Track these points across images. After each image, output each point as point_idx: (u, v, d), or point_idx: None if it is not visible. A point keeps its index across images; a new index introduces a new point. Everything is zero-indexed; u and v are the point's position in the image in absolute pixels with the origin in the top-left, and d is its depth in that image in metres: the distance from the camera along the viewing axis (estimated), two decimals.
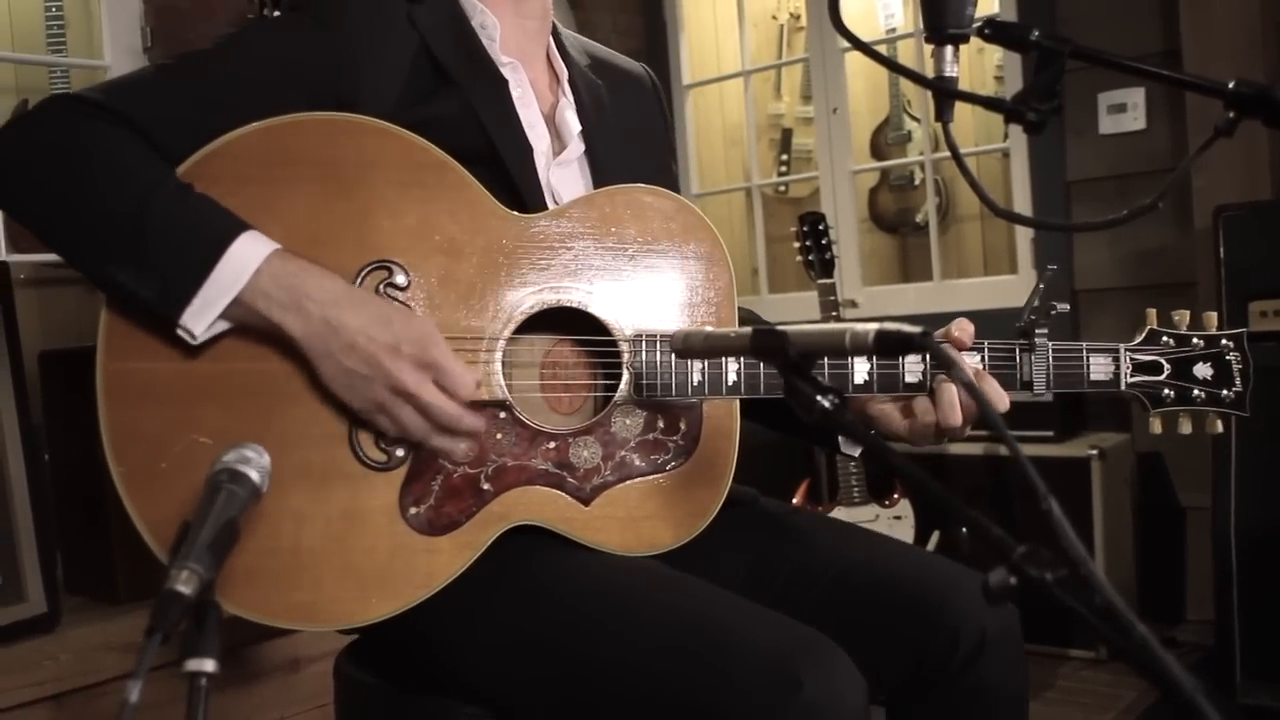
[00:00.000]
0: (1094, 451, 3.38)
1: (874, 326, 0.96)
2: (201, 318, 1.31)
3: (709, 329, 1.23)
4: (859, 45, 1.16)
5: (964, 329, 1.48)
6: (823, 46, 4.52)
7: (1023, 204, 4.04)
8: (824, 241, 3.45)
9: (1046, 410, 3.46)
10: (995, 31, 1.15)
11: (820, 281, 3.43)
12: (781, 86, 5.59)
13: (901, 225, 5.30)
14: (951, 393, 1.45)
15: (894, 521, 3.34)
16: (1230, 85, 1.08)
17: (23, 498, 2.20)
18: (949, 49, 1.16)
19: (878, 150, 5.21)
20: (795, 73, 5.50)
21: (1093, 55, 1.12)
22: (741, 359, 1.45)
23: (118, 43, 3.63)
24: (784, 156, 5.42)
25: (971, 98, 1.15)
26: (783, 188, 5.40)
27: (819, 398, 0.94)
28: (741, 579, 1.51)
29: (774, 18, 5.50)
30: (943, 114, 1.16)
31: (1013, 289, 4.10)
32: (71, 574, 2.47)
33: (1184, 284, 3.56)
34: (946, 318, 4.05)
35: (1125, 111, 3.83)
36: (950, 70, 1.16)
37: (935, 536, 3.43)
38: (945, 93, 1.12)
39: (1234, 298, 2.98)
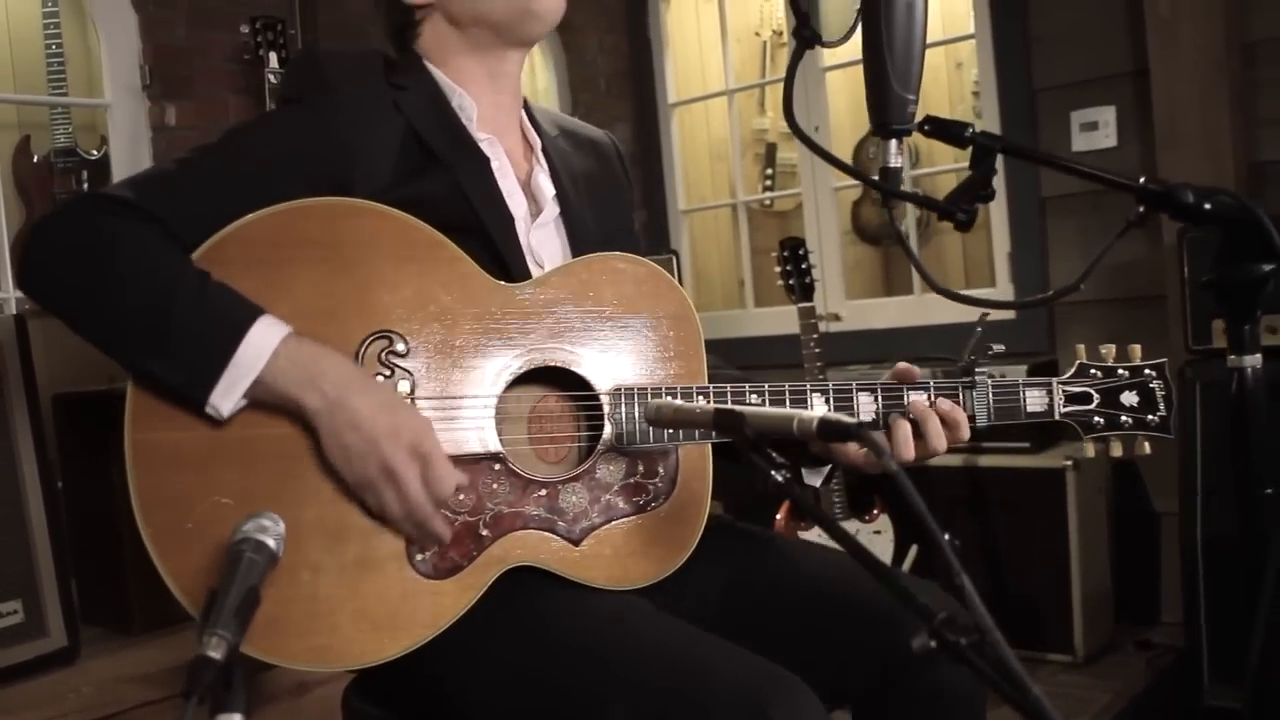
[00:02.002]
0: (1068, 462, 3.48)
1: (818, 415, 1.08)
2: (227, 398, 1.43)
3: (678, 403, 1.35)
4: (812, 145, 1.28)
5: (910, 373, 1.66)
6: (804, 65, 4.62)
7: (999, 219, 4.16)
8: (804, 266, 3.57)
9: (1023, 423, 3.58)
10: (935, 128, 1.28)
11: (800, 305, 3.55)
12: (765, 102, 5.70)
13: (884, 237, 5.42)
14: (906, 430, 1.61)
15: (874, 536, 3.46)
16: (1140, 181, 1.21)
17: (43, 537, 2.33)
18: (894, 143, 1.28)
19: (860, 165, 5.33)
20: (779, 88, 5.58)
21: (1021, 152, 1.25)
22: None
23: (117, 81, 3.73)
24: (769, 171, 5.55)
25: (910, 197, 1.28)
26: (768, 202, 5.52)
27: (773, 472, 1.06)
28: (717, 598, 1.63)
29: (757, 34, 5.62)
30: (887, 202, 1.28)
31: (990, 301, 4.21)
32: (87, 606, 2.59)
33: (1155, 297, 3.65)
34: (927, 330, 4.13)
35: (1097, 129, 3.93)
36: (895, 162, 1.28)
37: (913, 550, 3.56)
38: (887, 193, 1.24)
39: (1198, 315, 3.10)
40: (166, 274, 1.45)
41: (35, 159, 4.13)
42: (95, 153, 4.10)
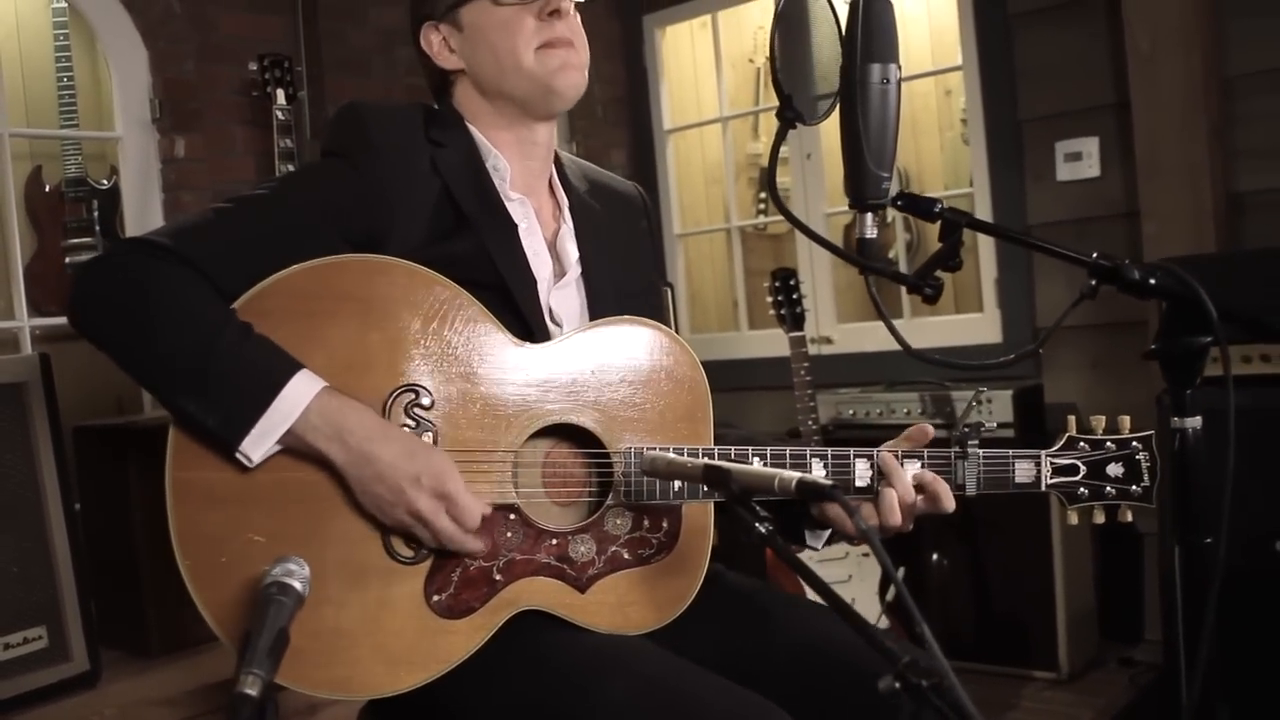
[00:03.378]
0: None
1: (797, 475, 1.18)
2: (258, 446, 1.53)
3: (671, 455, 1.46)
4: (798, 224, 1.40)
5: (924, 432, 1.73)
6: None
7: (986, 245, 4.27)
8: (795, 296, 3.68)
9: (1007, 445, 3.68)
10: (907, 203, 1.39)
11: (792, 335, 3.65)
12: (759, 127, 5.81)
13: (876, 260, 5.52)
14: (891, 497, 1.68)
15: (862, 559, 3.57)
16: (1093, 256, 1.32)
17: (66, 566, 2.43)
18: (869, 216, 1.39)
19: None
20: (772, 114, 5.69)
21: (984, 226, 1.36)
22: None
23: (128, 114, 3.83)
24: (762, 195, 5.66)
25: (885, 271, 1.39)
26: (761, 225, 5.63)
27: (756, 524, 1.17)
28: (712, 653, 1.69)
29: (751, 61, 5.72)
30: (864, 272, 1.39)
31: (978, 326, 4.33)
32: (105, 629, 2.68)
33: (1137, 322, 3.76)
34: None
35: (1081, 159, 4.02)
36: (870, 233, 1.40)
37: (900, 573, 3.67)
38: (864, 266, 1.36)
39: None
40: (212, 319, 1.54)
41: (47, 188, 4.22)
42: (105, 182, 4.20)
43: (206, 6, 3.93)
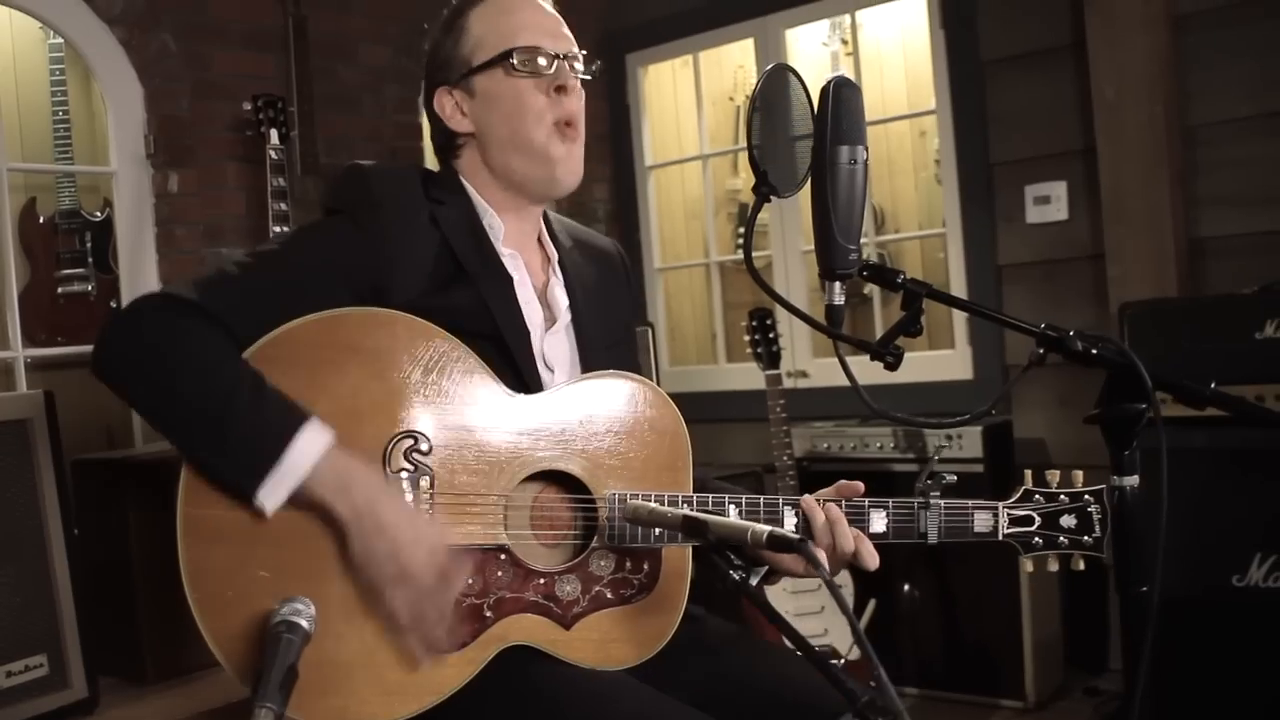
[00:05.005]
0: None
1: (767, 529, 1.29)
2: (272, 498, 1.62)
3: (653, 505, 1.56)
4: (772, 293, 1.51)
5: (854, 488, 1.84)
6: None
7: (958, 284, 4.39)
8: (771, 335, 3.79)
9: (977, 480, 3.81)
10: (873, 274, 1.50)
11: (768, 373, 3.77)
12: (738, 164, 5.93)
13: (850, 296, 5.62)
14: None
15: None
16: (1041, 326, 1.44)
17: (67, 596, 2.50)
18: (837, 284, 1.51)
19: None
20: None
21: (943, 297, 1.47)
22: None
23: (123, 150, 3.89)
24: (741, 229, 5.77)
25: (848, 339, 1.50)
26: (740, 260, 5.73)
27: (730, 571, 1.28)
28: (687, 692, 1.76)
29: (731, 99, 5.85)
30: (832, 337, 1.50)
31: (949, 363, 4.44)
32: (100, 656, 2.75)
33: None
34: (889, 389, 4.40)
35: (1050, 203, 4.15)
36: (838, 300, 1.51)
37: (871, 604, 3.78)
38: (831, 334, 1.47)
39: None
40: (227, 378, 1.64)
41: (41, 220, 4.30)
42: (99, 214, 4.28)
43: (201, 45, 4.02)
